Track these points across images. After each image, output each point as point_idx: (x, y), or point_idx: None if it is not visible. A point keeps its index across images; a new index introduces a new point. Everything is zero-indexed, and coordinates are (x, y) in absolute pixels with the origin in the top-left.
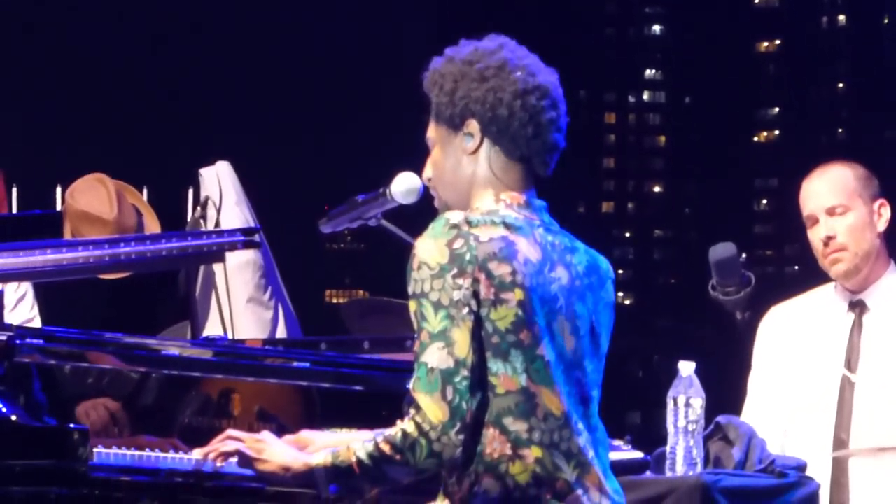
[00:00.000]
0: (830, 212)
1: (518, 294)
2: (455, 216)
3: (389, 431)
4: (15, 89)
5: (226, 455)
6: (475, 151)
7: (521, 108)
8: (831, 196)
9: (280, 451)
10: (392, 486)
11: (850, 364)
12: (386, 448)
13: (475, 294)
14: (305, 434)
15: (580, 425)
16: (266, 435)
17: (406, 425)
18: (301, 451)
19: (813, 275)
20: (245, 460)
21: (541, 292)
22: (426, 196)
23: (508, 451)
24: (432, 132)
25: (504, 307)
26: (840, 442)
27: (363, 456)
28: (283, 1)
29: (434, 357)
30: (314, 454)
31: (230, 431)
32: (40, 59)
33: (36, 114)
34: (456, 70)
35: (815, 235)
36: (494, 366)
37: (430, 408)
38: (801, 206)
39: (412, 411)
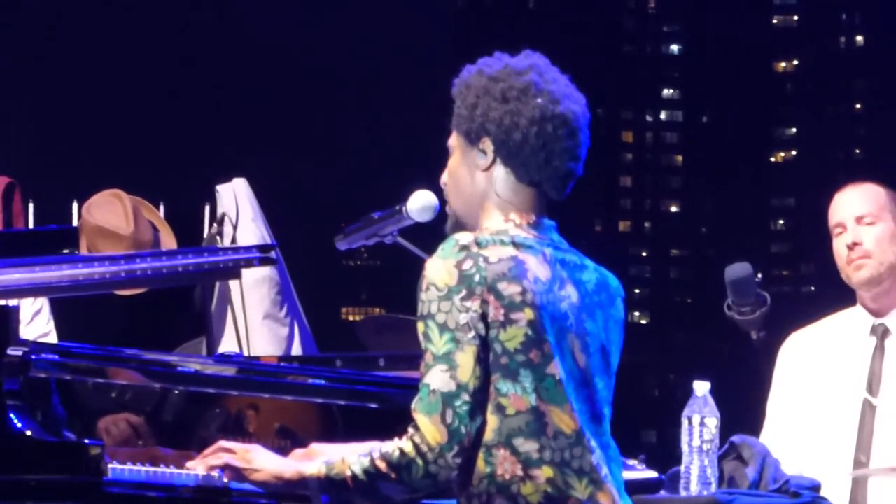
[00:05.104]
0: (859, 220)
1: (528, 313)
2: (464, 237)
3: (386, 448)
4: (31, 103)
5: (215, 468)
6: (487, 169)
7: (536, 135)
8: (862, 206)
9: (271, 460)
10: (385, 503)
11: (872, 387)
12: (382, 465)
13: (483, 316)
14: (316, 447)
15: (593, 443)
16: (255, 447)
17: (404, 444)
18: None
19: (829, 294)
20: (236, 473)
21: (551, 310)
22: (442, 214)
23: (519, 472)
24: (453, 140)
25: (514, 327)
26: (859, 464)
27: (358, 471)
28: (298, 17)
29: (436, 379)
30: (308, 463)
31: (222, 442)
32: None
33: (52, 128)
34: (481, 85)
35: (841, 242)
36: (504, 386)
37: (429, 429)
38: (830, 216)
39: (411, 430)
